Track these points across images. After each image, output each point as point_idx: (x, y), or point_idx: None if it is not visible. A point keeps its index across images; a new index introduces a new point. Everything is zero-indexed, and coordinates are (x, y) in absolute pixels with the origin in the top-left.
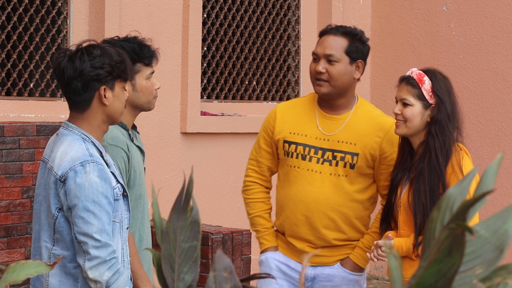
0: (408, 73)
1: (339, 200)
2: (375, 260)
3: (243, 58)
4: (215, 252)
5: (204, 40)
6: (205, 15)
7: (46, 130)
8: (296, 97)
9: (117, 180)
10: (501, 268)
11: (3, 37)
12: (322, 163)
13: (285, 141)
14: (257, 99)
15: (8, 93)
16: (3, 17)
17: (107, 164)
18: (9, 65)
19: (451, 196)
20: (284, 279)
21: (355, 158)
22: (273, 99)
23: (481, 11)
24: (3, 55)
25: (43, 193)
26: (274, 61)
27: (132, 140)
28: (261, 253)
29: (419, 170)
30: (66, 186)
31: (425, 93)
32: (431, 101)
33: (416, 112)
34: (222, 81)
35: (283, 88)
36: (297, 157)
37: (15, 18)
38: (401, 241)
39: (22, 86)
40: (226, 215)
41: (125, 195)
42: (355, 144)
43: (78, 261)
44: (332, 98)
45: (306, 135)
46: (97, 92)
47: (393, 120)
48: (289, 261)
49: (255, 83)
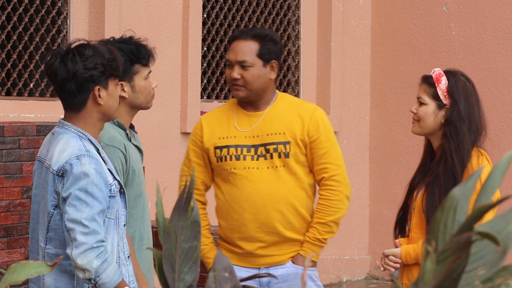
0: (431, 72)
1: (282, 191)
2: (382, 269)
3: None
4: None
5: (204, 40)
6: (205, 15)
7: (46, 130)
8: (296, 97)
9: (114, 177)
10: (503, 269)
11: (3, 37)
12: (257, 159)
13: (216, 147)
14: None
15: (8, 93)
16: (3, 17)
17: (104, 161)
18: (9, 65)
19: (455, 197)
20: None
21: (287, 146)
22: None
23: (481, 11)
24: (3, 55)
25: (42, 192)
26: None
27: (130, 140)
28: (209, 271)
29: (435, 174)
30: (63, 179)
31: (440, 92)
32: (445, 101)
33: (429, 112)
34: (222, 81)
35: (283, 88)
36: (231, 159)
37: (15, 18)
38: (409, 248)
39: (22, 86)
40: None
41: (122, 192)
42: (284, 133)
43: (67, 253)
44: (251, 100)
45: (235, 137)
46: (91, 93)
47: (315, 105)
48: (237, 269)
49: None
